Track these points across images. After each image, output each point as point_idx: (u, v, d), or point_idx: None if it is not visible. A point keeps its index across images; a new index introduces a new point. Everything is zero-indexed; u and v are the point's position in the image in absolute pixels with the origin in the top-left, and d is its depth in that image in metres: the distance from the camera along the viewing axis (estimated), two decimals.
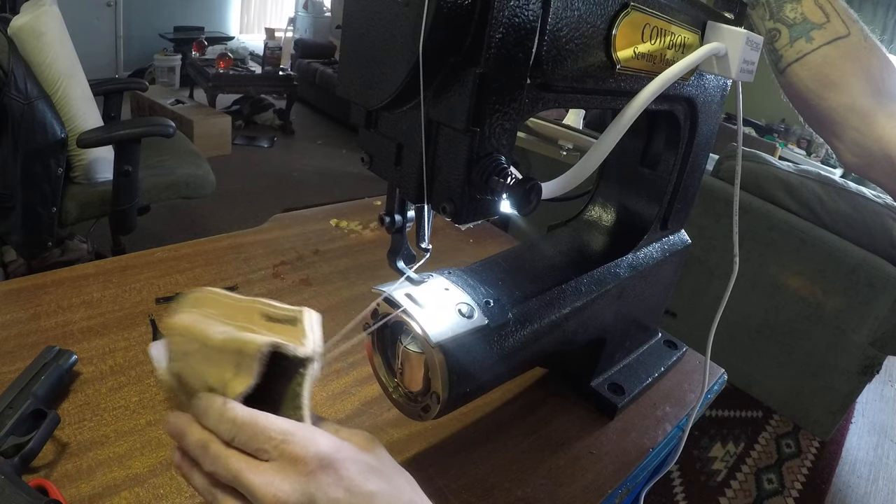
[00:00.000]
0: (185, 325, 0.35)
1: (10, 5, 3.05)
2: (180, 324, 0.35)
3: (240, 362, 0.33)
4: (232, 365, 0.33)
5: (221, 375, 0.33)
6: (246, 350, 0.33)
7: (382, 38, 0.32)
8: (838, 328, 1.63)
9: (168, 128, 1.56)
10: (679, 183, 0.59)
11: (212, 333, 0.34)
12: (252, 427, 0.31)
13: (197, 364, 0.34)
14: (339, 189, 3.19)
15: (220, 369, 0.33)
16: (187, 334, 0.34)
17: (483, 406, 0.59)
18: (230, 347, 0.33)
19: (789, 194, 1.68)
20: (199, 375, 0.34)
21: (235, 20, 5.66)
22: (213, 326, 0.35)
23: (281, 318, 0.36)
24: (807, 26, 0.48)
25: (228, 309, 0.37)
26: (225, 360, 0.33)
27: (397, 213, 0.43)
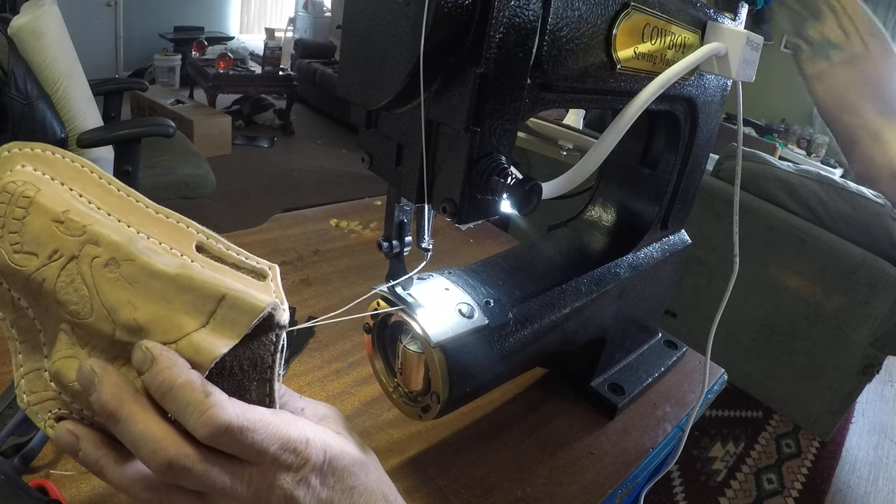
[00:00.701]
0: (60, 205, 0.25)
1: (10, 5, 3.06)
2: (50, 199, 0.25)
3: (208, 309, 0.25)
4: (188, 308, 0.25)
5: (170, 319, 0.25)
6: (232, 296, 0.25)
7: (383, 38, 0.32)
8: (838, 328, 1.63)
9: (168, 128, 1.56)
10: (679, 183, 0.59)
11: (139, 248, 0.25)
12: (248, 436, 0.25)
13: (103, 282, 0.25)
14: (339, 189, 3.19)
15: (162, 307, 0.25)
16: (69, 225, 0.25)
17: (483, 406, 0.59)
18: (186, 283, 0.25)
19: (789, 194, 1.68)
20: (108, 303, 0.25)
21: (235, 20, 5.67)
22: (124, 230, 0.26)
23: (241, 265, 0.29)
24: (826, 46, 0.47)
25: (124, 208, 0.28)
26: (172, 297, 0.25)
27: (395, 238, 0.43)
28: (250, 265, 0.29)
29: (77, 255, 0.25)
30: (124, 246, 0.25)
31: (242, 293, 0.26)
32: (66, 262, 0.25)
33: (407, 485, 0.48)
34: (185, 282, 0.25)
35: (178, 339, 0.25)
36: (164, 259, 0.25)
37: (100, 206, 0.27)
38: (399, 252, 0.43)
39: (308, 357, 0.61)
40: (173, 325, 0.25)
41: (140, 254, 0.25)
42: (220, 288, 0.25)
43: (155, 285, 0.25)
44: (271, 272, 0.29)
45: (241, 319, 0.26)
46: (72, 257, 0.25)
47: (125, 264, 0.25)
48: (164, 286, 0.25)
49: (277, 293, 0.29)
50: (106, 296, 0.25)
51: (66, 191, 0.26)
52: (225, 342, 0.25)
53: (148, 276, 0.25)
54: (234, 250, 0.29)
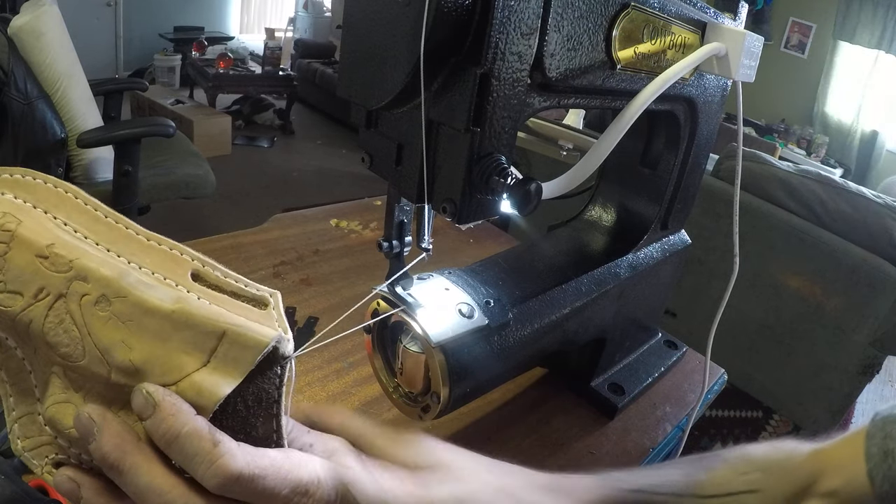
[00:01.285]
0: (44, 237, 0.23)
1: (10, 5, 3.06)
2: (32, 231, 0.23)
3: (208, 346, 0.24)
4: (186, 347, 0.24)
5: (168, 359, 0.23)
6: (233, 332, 0.24)
7: (383, 38, 0.32)
8: (838, 328, 1.63)
9: (168, 128, 1.57)
10: (679, 183, 0.59)
11: (131, 282, 0.23)
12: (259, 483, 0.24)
13: (94, 322, 0.23)
14: (339, 189, 3.19)
15: (158, 347, 0.23)
16: (55, 259, 0.23)
17: (483, 406, 0.59)
18: (183, 319, 0.24)
19: (789, 194, 1.68)
20: (101, 344, 0.23)
21: (235, 20, 5.66)
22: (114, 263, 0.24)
23: (239, 293, 0.27)
24: None
25: (112, 236, 0.26)
26: (169, 335, 0.23)
27: (395, 238, 0.43)
28: (250, 293, 0.27)
29: (65, 293, 0.23)
30: (115, 281, 0.23)
31: (244, 328, 0.24)
32: (53, 300, 0.23)
33: None
34: (183, 318, 0.23)
35: (179, 380, 0.23)
36: (158, 293, 0.24)
37: (87, 235, 0.25)
38: (399, 252, 0.43)
39: (308, 357, 0.61)
40: (172, 366, 0.23)
41: (133, 289, 0.23)
42: (220, 324, 0.24)
43: (150, 323, 0.23)
44: (273, 300, 0.28)
45: (245, 356, 0.24)
46: (59, 296, 0.23)
47: (117, 301, 0.23)
48: (160, 324, 0.23)
49: (280, 321, 0.27)
50: (98, 337, 0.23)
51: (50, 220, 0.24)
52: (228, 382, 0.24)
53: (142, 313, 0.23)
54: (232, 277, 0.27)
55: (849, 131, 4.17)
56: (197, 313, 0.24)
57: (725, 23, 0.49)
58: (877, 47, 3.91)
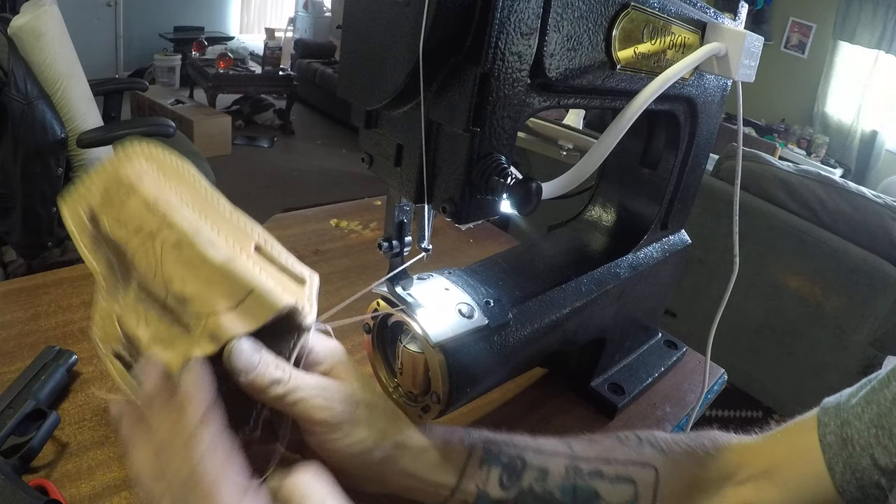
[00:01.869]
0: (154, 194, 0.32)
1: (10, 5, 3.06)
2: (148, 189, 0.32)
3: (238, 297, 0.30)
4: (224, 293, 0.30)
5: (209, 297, 0.30)
6: (259, 292, 0.30)
7: (383, 38, 0.32)
8: (838, 328, 1.63)
9: (168, 128, 1.57)
10: (679, 183, 0.59)
11: (202, 239, 0.30)
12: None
13: (168, 258, 0.30)
14: (339, 189, 3.19)
15: (205, 287, 0.30)
16: (155, 210, 0.31)
17: (483, 406, 0.59)
18: (227, 273, 0.30)
19: (789, 194, 1.68)
20: (167, 274, 0.30)
21: (235, 20, 5.66)
22: (196, 222, 0.31)
23: (286, 269, 0.34)
24: None
25: (205, 206, 0.33)
26: (215, 281, 0.30)
27: (395, 238, 0.43)
28: (295, 271, 0.34)
29: (154, 233, 0.30)
30: (190, 235, 0.30)
31: (269, 291, 0.30)
32: (145, 237, 0.30)
33: None
34: (227, 271, 0.30)
35: (210, 314, 0.29)
36: (217, 251, 0.30)
37: (188, 203, 0.32)
38: (399, 252, 0.43)
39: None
40: (209, 303, 0.29)
41: (199, 244, 0.30)
42: (251, 282, 0.30)
43: (204, 269, 0.30)
44: (309, 280, 0.34)
45: (262, 312, 0.30)
46: (150, 234, 0.30)
47: (186, 248, 0.30)
48: (210, 271, 0.30)
49: (310, 298, 0.33)
50: (167, 268, 0.30)
51: (164, 184, 0.32)
52: (244, 327, 0.29)
53: (201, 260, 0.30)
54: (285, 255, 0.34)
55: (849, 131, 4.17)
56: (238, 271, 0.30)
57: (725, 23, 0.49)
58: (877, 47, 3.91)
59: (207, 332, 0.29)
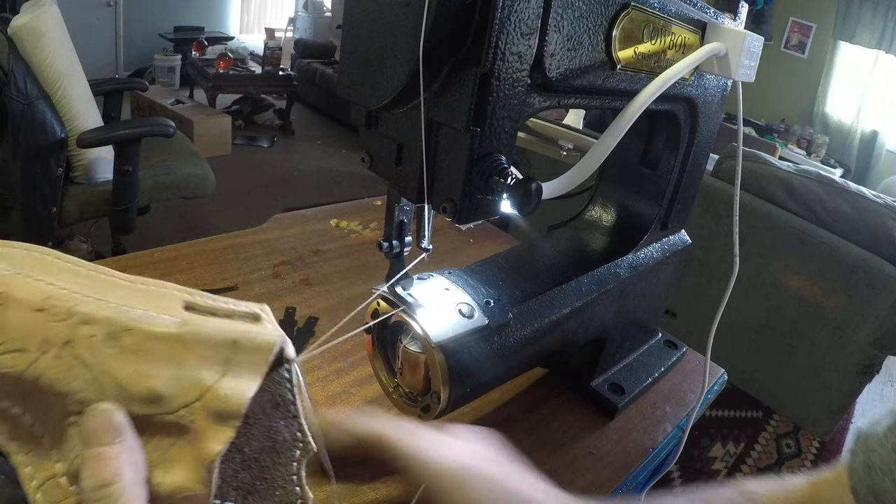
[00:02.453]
0: (38, 293, 0.23)
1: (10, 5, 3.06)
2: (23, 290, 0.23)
3: (222, 357, 0.24)
4: (202, 362, 0.24)
5: (187, 378, 0.24)
6: (243, 339, 0.25)
7: (383, 38, 0.32)
8: (838, 328, 1.63)
9: (168, 128, 1.57)
10: (679, 183, 0.59)
11: (136, 315, 0.24)
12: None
13: (106, 359, 0.23)
14: (339, 189, 3.19)
15: (175, 369, 0.24)
16: (52, 311, 0.23)
17: (483, 406, 0.59)
18: (194, 337, 0.24)
19: (789, 194, 1.68)
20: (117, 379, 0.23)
21: (235, 20, 5.66)
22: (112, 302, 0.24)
23: (233, 313, 0.27)
24: None
25: (99, 285, 0.26)
26: (183, 356, 0.24)
27: (395, 238, 0.43)
28: (242, 311, 0.28)
29: (70, 339, 0.23)
30: (118, 318, 0.24)
31: (252, 333, 0.25)
32: (59, 349, 0.23)
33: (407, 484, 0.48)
34: (193, 336, 0.24)
35: (202, 394, 0.24)
36: (163, 321, 0.24)
37: (75, 291, 0.24)
38: (399, 252, 0.43)
39: (308, 357, 0.61)
40: (193, 384, 0.24)
41: (138, 322, 0.24)
42: (228, 334, 0.25)
43: (162, 348, 0.24)
44: (263, 313, 0.28)
45: (258, 359, 0.25)
46: (65, 343, 0.23)
47: (125, 335, 0.23)
48: (171, 347, 0.24)
49: (275, 328, 0.28)
50: (113, 373, 0.23)
51: (36, 281, 0.24)
52: (250, 384, 0.24)
53: (152, 340, 0.24)
54: (221, 301, 0.28)
55: (849, 131, 4.17)
56: (203, 331, 0.24)
57: (725, 23, 0.49)
58: (877, 47, 3.91)
59: (211, 416, 0.24)
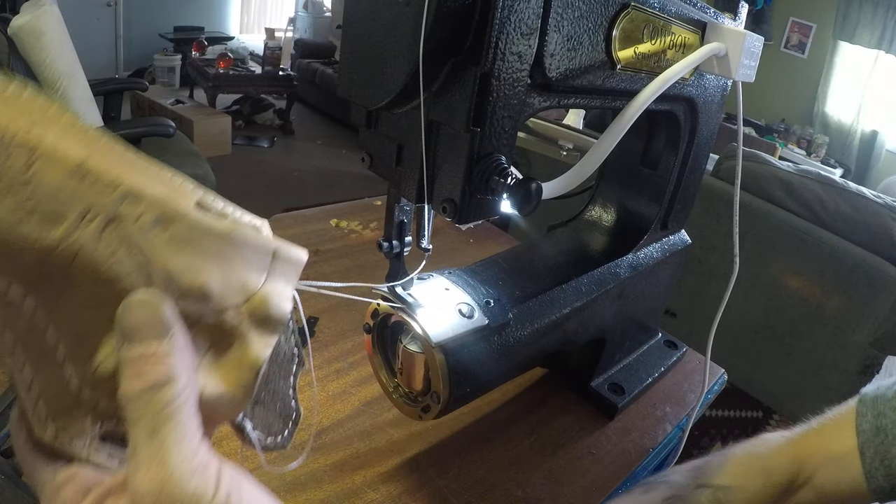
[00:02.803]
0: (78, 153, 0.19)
1: (10, 5, 3.06)
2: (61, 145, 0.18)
3: (263, 262, 0.23)
4: (247, 264, 0.22)
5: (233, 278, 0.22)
6: (280, 247, 0.23)
7: (383, 38, 0.32)
8: (838, 328, 1.63)
9: (168, 128, 1.57)
10: (679, 183, 0.59)
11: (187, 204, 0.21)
12: None
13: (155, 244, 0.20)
14: (339, 189, 3.19)
15: (224, 267, 0.21)
16: (97, 178, 0.19)
17: (483, 406, 0.59)
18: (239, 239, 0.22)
19: (789, 194, 1.68)
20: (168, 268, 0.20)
21: (235, 20, 5.66)
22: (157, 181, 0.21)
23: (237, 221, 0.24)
24: None
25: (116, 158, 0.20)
26: (229, 254, 0.22)
27: (395, 238, 0.43)
28: (247, 221, 0.25)
29: (116, 215, 0.19)
30: (170, 202, 0.20)
31: (285, 245, 0.24)
32: (103, 225, 0.19)
33: (407, 485, 0.48)
34: (241, 238, 0.22)
35: (250, 296, 0.22)
36: (209, 215, 0.22)
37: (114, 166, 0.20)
38: (399, 252, 0.43)
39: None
40: (240, 285, 0.22)
41: (188, 210, 0.21)
42: (269, 243, 0.23)
43: (212, 245, 0.21)
44: (263, 227, 0.25)
45: (291, 271, 0.24)
46: (110, 219, 0.19)
47: (175, 223, 0.20)
48: (220, 244, 0.21)
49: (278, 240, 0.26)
50: (163, 262, 0.20)
51: (73, 139, 0.19)
52: (287, 293, 0.23)
53: (203, 234, 0.21)
54: (230, 206, 0.24)
55: (849, 131, 4.17)
56: (249, 234, 0.23)
57: (725, 23, 0.49)
58: (877, 47, 3.91)
59: (257, 321, 0.22)
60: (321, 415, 0.54)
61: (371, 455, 0.50)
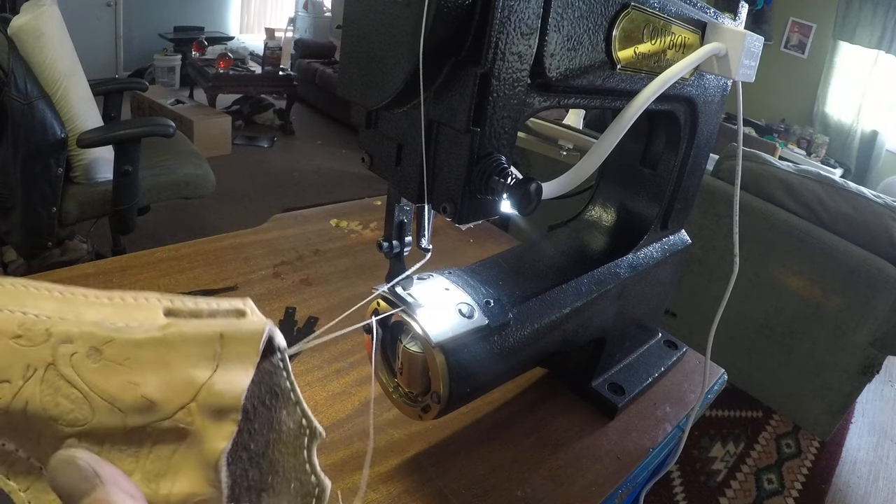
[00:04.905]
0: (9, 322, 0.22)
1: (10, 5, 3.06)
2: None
3: (211, 352, 0.23)
4: (191, 361, 0.23)
5: (179, 380, 0.23)
6: (229, 331, 0.23)
7: (383, 38, 0.32)
8: (838, 328, 1.63)
9: (168, 128, 1.56)
10: (679, 183, 0.59)
11: (115, 325, 0.23)
12: None
13: (91, 374, 0.22)
14: (339, 189, 3.19)
15: (164, 373, 0.23)
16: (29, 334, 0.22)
17: (483, 406, 0.59)
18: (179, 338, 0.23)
19: (789, 194, 1.68)
20: (106, 393, 0.22)
21: (235, 20, 5.67)
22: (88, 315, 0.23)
23: (217, 312, 0.26)
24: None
25: (68, 306, 0.24)
26: (170, 359, 0.23)
27: (395, 238, 0.43)
28: (225, 308, 0.26)
29: (52, 360, 0.22)
30: (99, 331, 0.22)
31: (236, 325, 0.24)
32: (42, 373, 0.22)
33: (407, 485, 0.48)
34: (177, 337, 0.23)
35: (196, 393, 0.23)
36: (144, 328, 0.23)
37: (49, 315, 0.23)
38: (399, 252, 0.43)
39: (308, 357, 0.61)
40: (184, 385, 0.23)
41: (118, 332, 0.22)
42: (213, 329, 0.23)
43: (146, 355, 0.22)
44: (247, 307, 0.26)
45: (248, 349, 0.24)
46: (48, 365, 0.22)
47: (106, 348, 0.22)
48: (156, 352, 0.23)
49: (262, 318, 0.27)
50: (101, 388, 0.22)
51: (9, 313, 0.22)
52: (243, 375, 0.23)
53: (135, 348, 0.22)
54: (203, 301, 0.26)
55: (849, 131, 4.17)
56: (187, 330, 0.23)
57: (725, 23, 0.49)
58: (877, 47, 3.91)
59: (210, 414, 0.23)
60: (321, 415, 0.54)
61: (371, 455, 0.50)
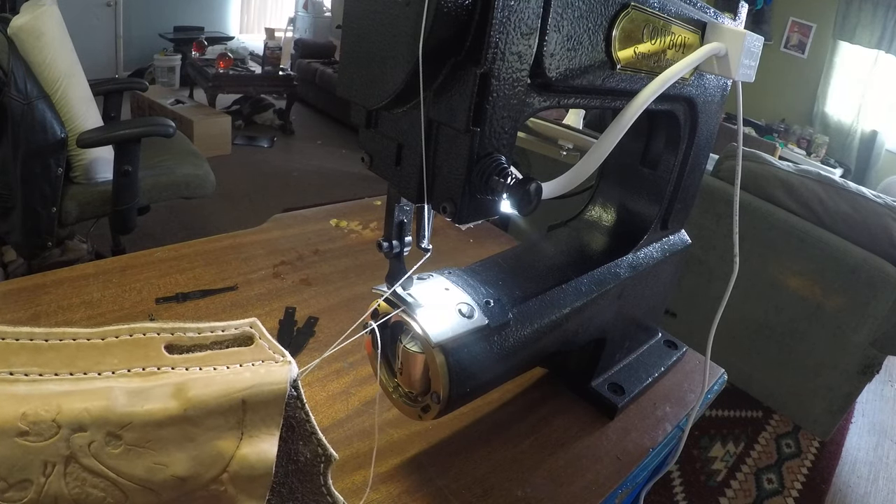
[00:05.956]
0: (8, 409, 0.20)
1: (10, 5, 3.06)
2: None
3: (234, 420, 0.22)
4: (217, 433, 0.22)
5: (207, 453, 0.21)
6: (250, 395, 0.22)
7: (383, 37, 0.32)
8: (838, 328, 1.63)
9: (168, 128, 1.56)
10: (679, 183, 0.59)
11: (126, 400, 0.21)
12: None
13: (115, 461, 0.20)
14: (339, 189, 3.19)
15: (190, 448, 0.21)
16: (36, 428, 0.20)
17: (483, 406, 0.59)
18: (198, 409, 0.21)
19: (789, 194, 1.68)
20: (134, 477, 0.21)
21: (235, 20, 5.66)
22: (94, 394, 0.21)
23: (221, 340, 0.25)
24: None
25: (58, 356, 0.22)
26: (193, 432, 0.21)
27: (395, 238, 0.43)
28: (231, 335, 0.25)
29: (69, 453, 0.20)
30: (111, 415, 0.20)
31: (258, 386, 0.23)
32: (63, 468, 0.20)
33: (407, 485, 0.48)
34: (199, 410, 0.22)
35: (227, 465, 0.22)
36: (158, 399, 0.21)
37: (41, 372, 0.21)
38: (399, 252, 0.43)
39: (308, 357, 0.61)
40: (213, 458, 0.22)
41: (132, 411, 0.21)
42: (234, 396, 0.22)
43: (170, 434, 0.21)
44: (255, 330, 0.25)
45: (273, 411, 0.23)
46: (66, 459, 0.20)
47: (125, 432, 0.21)
48: (180, 430, 0.21)
49: (273, 347, 0.26)
50: (129, 473, 0.21)
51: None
52: (271, 441, 0.23)
53: (157, 429, 0.21)
54: (206, 329, 0.24)
55: (849, 131, 4.17)
56: (207, 398, 0.22)
57: (725, 23, 0.49)
58: (877, 47, 3.91)
59: (242, 483, 0.22)
60: (321, 415, 0.54)
61: (371, 455, 0.50)
